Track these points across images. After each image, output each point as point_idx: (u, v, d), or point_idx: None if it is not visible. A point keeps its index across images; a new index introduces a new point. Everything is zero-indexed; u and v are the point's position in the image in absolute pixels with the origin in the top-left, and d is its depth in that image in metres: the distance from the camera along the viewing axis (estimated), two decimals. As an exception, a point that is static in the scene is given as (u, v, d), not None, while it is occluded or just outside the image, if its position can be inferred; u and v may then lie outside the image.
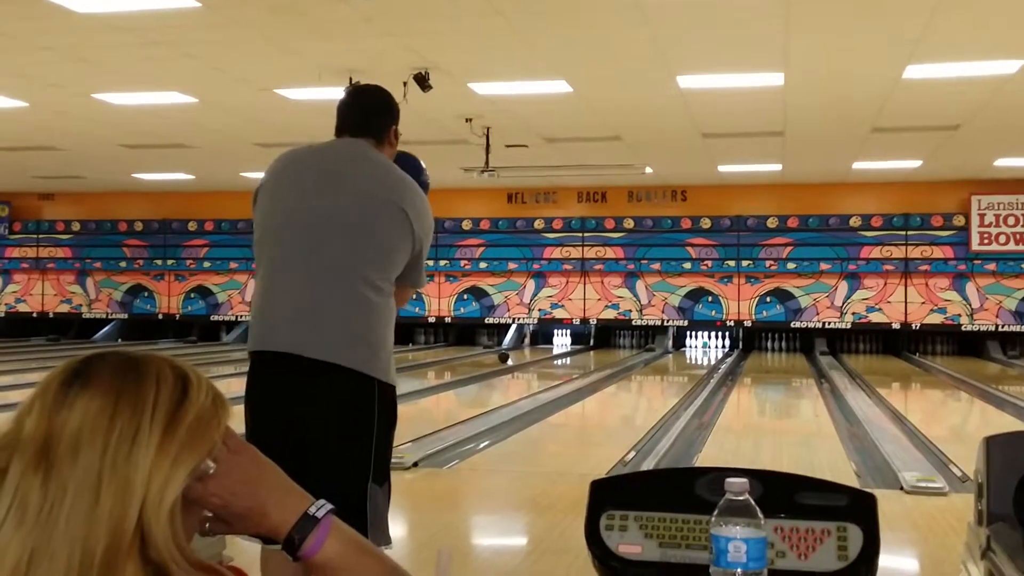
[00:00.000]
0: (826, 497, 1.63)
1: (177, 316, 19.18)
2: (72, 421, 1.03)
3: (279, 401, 2.74)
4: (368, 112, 2.95)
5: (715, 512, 1.40)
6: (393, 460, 4.26)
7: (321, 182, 2.79)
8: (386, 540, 2.78)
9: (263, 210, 2.85)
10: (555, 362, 16.38)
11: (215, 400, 1.12)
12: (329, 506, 1.18)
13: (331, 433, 2.70)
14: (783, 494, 1.61)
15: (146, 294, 19.33)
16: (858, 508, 1.61)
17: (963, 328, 16.55)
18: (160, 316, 19.25)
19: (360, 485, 2.69)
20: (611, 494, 1.67)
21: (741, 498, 1.39)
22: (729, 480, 1.41)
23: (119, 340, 18.75)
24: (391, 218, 2.75)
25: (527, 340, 18.50)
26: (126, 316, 19.34)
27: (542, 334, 18.51)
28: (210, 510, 1.14)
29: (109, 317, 19.37)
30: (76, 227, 19.49)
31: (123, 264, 19.34)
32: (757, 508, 1.39)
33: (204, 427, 1.09)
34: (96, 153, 14.07)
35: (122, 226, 19.29)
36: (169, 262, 19.15)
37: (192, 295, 19.12)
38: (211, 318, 19.06)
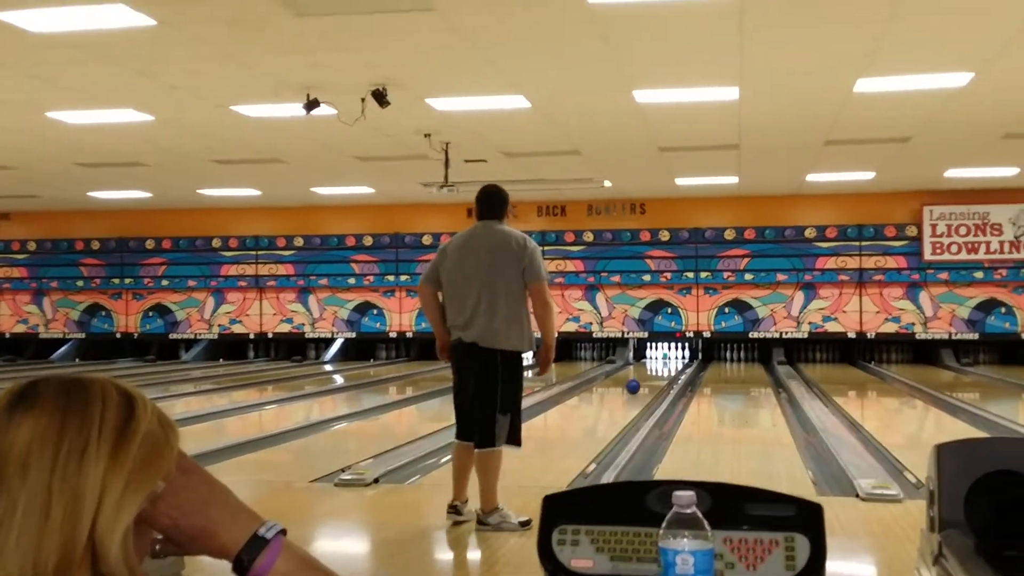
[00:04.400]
0: (774, 508, 1.65)
1: (135, 335, 18.99)
2: (20, 440, 1.03)
3: (460, 363, 5.26)
4: (492, 204, 5.30)
5: (663, 525, 1.43)
6: (352, 476, 5.54)
7: (472, 247, 5.21)
8: (514, 443, 5.23)
9: (448, 265, 5.22)
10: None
11: (161, 421, 1.12)
12: (279, 527, 1.18)
13: (479, 381, 5.11)
14: (732, 506, 1.64)
15: (104, 313, 19.11)
16: (805, 518, 1.64)
17: (917, 336, 16.80)
18: (118, 335, 19.04)
19: (491, 413, 5.10)
20: (563, 509, 1.69)
21: (688, 511, 1.42)
22: (676, 493, 1.44)
23: (76, 360, 18.51)
24: (510, 254, 5.12)
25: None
26: (84, 336, 19.11)
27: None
28: (160, 530, 1.14)
29: (66, 337, 19.13)
30: (32, 247, 19.25)
31: (80, 283, 19.12)
32: (704, 520, 1.42)
33: (155, 448, 1.09)
34: (51, 171, 13.91)
35: (79, 245, 19.08)
36: (127, 281, 18.96)
37: (150, 313, 18.94)
38: (170, 336, 18.89)
